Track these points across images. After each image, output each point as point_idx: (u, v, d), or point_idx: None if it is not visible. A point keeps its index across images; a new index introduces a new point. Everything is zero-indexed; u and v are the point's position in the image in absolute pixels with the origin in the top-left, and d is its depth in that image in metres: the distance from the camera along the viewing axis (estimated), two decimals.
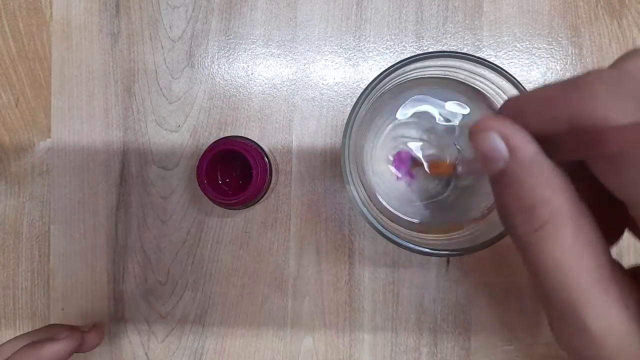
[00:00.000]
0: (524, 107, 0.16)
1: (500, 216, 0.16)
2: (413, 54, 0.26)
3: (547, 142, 0.15)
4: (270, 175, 0.36)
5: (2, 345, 0.32)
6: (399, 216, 0.30)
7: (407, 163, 0.30)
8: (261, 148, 0.36)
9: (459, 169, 0.28)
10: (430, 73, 0.29)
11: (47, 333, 0.34)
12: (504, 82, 0.26)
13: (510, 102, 0.17)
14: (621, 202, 0.15)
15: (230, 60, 0.39)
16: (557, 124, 0.15)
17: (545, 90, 0.15)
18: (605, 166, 0.14)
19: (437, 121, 0.30)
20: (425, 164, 0.30)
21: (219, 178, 0.36)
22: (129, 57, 0.39)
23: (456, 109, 0.30)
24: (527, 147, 0.15)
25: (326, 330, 0.38)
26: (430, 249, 0.26)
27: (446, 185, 0.30)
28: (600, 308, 0.14)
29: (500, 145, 0.15)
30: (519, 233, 0.15)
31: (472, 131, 0.16)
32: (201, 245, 0.39)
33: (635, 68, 0.14)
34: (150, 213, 0.39)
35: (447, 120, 0.30)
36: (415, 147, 0.30)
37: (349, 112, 0.28)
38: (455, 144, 0.30)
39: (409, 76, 0.29)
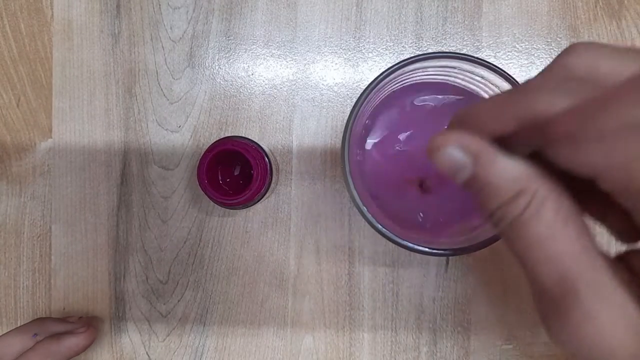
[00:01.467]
0: (473, 117, 0.17)
1: (485, 218, 0.17)
2: (413, 55, 0.26)
3: (502, 142, 0.16)
4: (271, 175, 0.36)
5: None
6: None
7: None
8: (261, 148, 0.36)
9: (428, 183, 0.29)
10: (430, 74, 0.29)
11: (38, 327, 0.34)
12: (504, 83, 0.26)
13: (457, 114, 0.18)
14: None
15: (231, 60, 0.39)
16: (506, 124, 0.16)
17: (491, 99, 0.17)
18: (563, 151, 0.15)
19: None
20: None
21: (220, 178, 0.37)
22: (130, 57, 0.39)
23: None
24: (486, 149, 0.16)
25: (326, 329, 0.39)
26: (430, 249, 0.26)
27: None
28: (590, 274, 0.14)
29: (459, 156, 0.16)
30: (503, 226, 0.16)
31: (429, 151, 0.17)
32: (202, 244, 0.39)
33: (569, 62, 0.15)
34: (151, 213, 0.39)
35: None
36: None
37: (348, 112, 0.28)
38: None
39: (409, 77, 0.29)
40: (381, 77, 0.26)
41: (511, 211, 0.15)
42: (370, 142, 0.31)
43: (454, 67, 0.28)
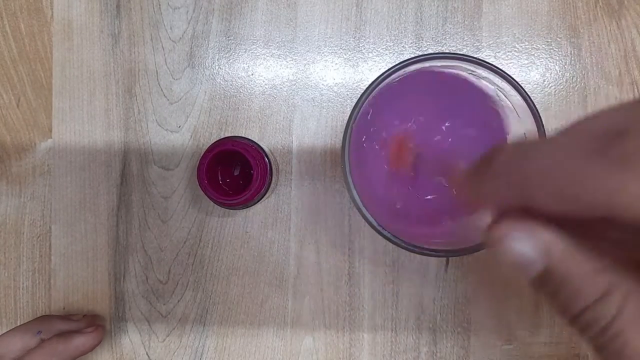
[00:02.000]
0: (529, 179, 0.13)
1: (563, 321, 0.14)
2: (413, 55, 0.26)
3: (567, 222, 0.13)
4: (271, 175, 0.36)
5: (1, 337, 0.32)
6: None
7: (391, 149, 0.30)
8: (261, 148, 0.36)
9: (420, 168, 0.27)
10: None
11: (42, 324, 0.34)
12: (504, 83, 0.26)
13: (507, 165, 0.14)
14: None
15: (231, 60, 0.39)
16: (581, 208, 0.12)
17: (559, 157, 0.12)
18: None
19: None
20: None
21: (220, 178, 0.37)
22: (130, 57, 0.39)
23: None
24: (558, 240, 0.13)
25: (326, 329, 0.39)
26: (430, 249, 0.26)
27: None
28: None
29: (527, 251, 0.13)
30: (590, 334, 0.13)
31: (488, 242, 0.14)
32: (202, 244, 0.39)
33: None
34: (151, 213, 0.39)
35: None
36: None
37: (349, 112, 0.28)
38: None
39: (409, 76, 0.29)
40: (381, 77, 0.26)
41: (600, 317, 0.13)
42: (371, 142, 0.31)
43: (454, 67, 0.28)
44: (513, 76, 0.26)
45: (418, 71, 0.29)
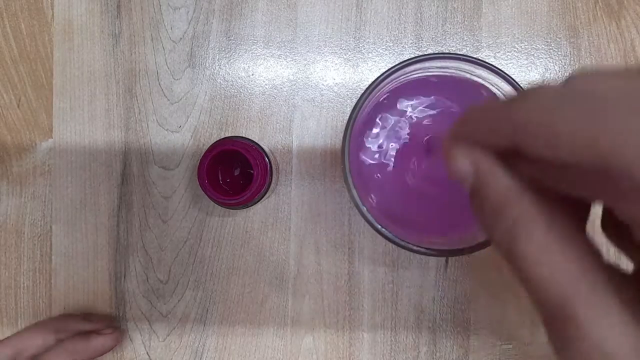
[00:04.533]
0: (477, 126, 0.17)
1: (482, 229, 0.17)
2: (412, 55, 0.27)
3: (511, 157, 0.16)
4: (271, 175, 0.36)
5: (18, 336, 0.32)
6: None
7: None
8: (262, 148, 0.36)
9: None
10: (430, 74, 0.29)
11: (61, 323, 0.34)
12: (503, 83, 0.26)
13: (460, 121, 0.18)
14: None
15: (231, 61, 0.39)
16: (508, 138, 0.15)
17: (490, 107, 0.16)
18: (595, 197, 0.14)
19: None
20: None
21: (220, 178, 0.37)
22: (130, 57, 0.39)
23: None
24: (485, 161, 0.16)
25: (326, 329, 0.39)
26: (430, 249, 0.26)
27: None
28: (590, 297, 0.14)
29: (463, 165, 0.17)
30: (495, 239, 0.16)
31: (442, 156, 0.18)
32: (202, 244, 0.39)
33: (580, 83, 0.14)
34: (151, 213, 0.39)
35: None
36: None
37: (349, 112, 0.28)
38: None
39: (409, 77, 0.29)
40: (381, 78, 0.26)
41: (500, 224, 0.15)
42: (371, 142, 0.31)
43: (454, 68, 0.28)
44: (512, 76, 0.26)
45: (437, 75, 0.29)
